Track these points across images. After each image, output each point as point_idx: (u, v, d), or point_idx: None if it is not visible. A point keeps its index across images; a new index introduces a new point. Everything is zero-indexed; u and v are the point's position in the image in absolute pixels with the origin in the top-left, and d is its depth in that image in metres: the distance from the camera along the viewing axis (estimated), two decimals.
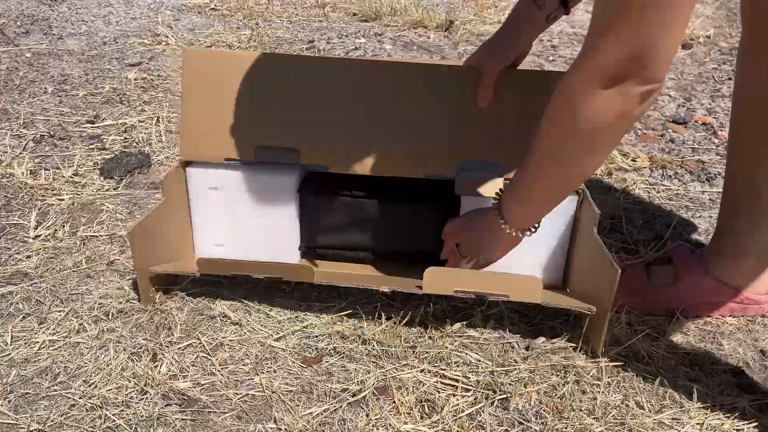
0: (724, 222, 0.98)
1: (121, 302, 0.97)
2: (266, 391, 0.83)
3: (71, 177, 1.30)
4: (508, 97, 0.95)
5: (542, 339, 0.91)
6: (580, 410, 0.81)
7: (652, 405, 0.82)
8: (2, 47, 2.00)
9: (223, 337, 0.91)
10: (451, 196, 0.96)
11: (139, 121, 1.54)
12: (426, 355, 0.89)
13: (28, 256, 1.07)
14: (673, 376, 0.87)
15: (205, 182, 0.99)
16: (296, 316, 0.95)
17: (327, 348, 0.90)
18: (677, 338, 0.94)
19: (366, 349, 0.90)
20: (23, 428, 0.77)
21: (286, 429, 0.78)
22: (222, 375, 0.85)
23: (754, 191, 0.92)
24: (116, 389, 0.82)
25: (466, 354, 0.89)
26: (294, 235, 1.03)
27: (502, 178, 0.95)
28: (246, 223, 1.01)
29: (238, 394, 0.83)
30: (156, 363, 0.86)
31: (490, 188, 0.93)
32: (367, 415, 0.80)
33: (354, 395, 0.83)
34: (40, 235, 1.12)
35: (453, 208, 0.96)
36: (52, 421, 0.77)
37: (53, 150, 1.41)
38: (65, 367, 0.85)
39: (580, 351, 0.88)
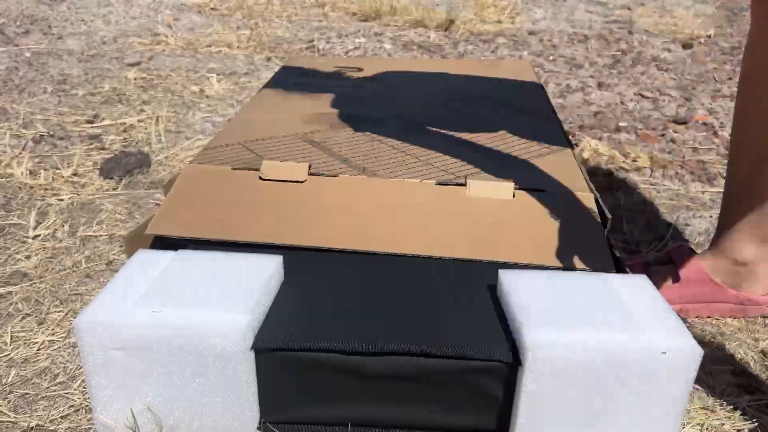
0: (724, 225, 0.97)
1: None
2: None
3: (71, 177, 1.30)
4: None
5: None
6: None
7: None
8: (2, 47, 2.00)
9: None
10: (511, 339, 0.67)
11: (139, 121, 1.54)
12: None
13: (28, 256, 1.06)
14: None
15: (107, 342, 0.66)
16: None
17: None
18: None
19: None
20: (23, 428, 0.76)
21: None
22: None
23: (755, 196, 0.92)
24: None
25: None
26: (248, 409, 0.69)
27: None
28: (170, 396, 0.69)
29: None
30: None
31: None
32: None
33: None
34: (40, 235, 1.12)
35: (516, 361, 0.65)
36: (52, 420, 0.77)
37: (53, 150, 1.41)
38: (65, 367, 0.85)
39: None
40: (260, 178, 0.91)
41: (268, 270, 0.73)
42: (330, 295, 0.75)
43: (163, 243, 0.85)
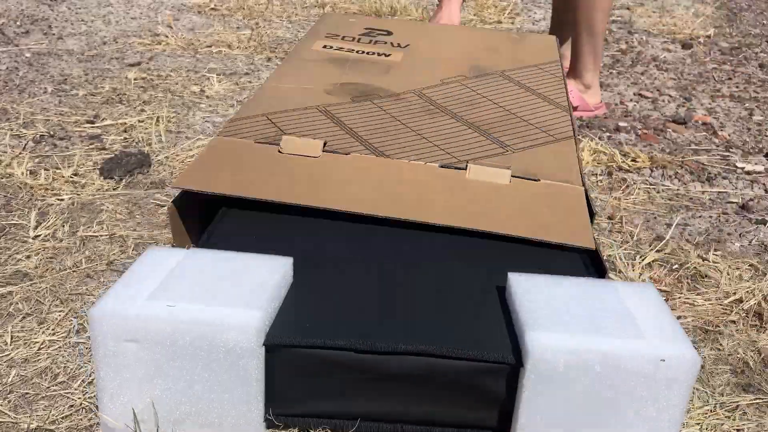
0: (576, 60, 1.67)
1: None
2: None
3: (71, 177, 1.30)
4: None
5: None
6: None
7: None
8: (2, 47, 2.00)
9: None
10: (516, 343, 0.69)
11: (139, 121, 1.54)
12: None
13: (28, 256, 1.06)
14: None
15: (120, 333, 0.67)
16: None
17: None
18: None
19: None
20: (23, 428, 0.77)
21: (286, 426, 0.77)
22: None
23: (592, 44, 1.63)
24: None
25: None
26: (254, 407, 0.69)
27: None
28: (178, 390, 0.69)
29: None
30: None
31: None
32: None
33: None
34: (40, 235, 1.12)
35: (518, 363, 0.67)
36: (52, 421, 0.77)
37: (53, 150, 1.41)
38: (65, 367, 0.85)
39: None
40: (279, 152, 0.99)
41: (279, 270, 0.74)
42: (341, 295, 0.77)
43: (189, 199, 0.93)
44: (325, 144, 0.99)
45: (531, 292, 0.72)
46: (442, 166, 0.96)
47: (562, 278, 0.75)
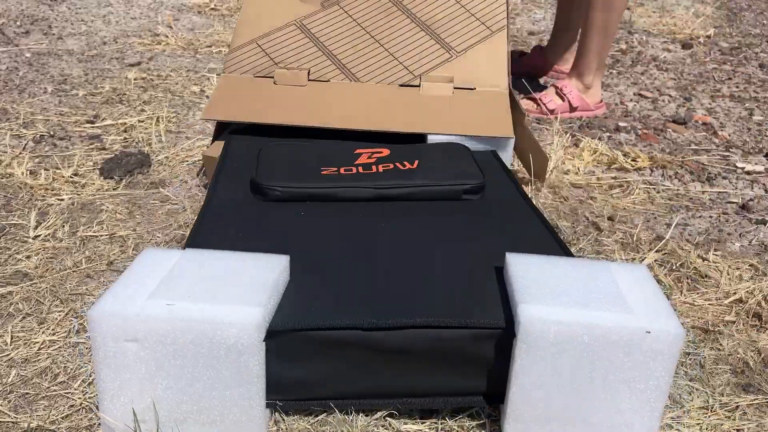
0: (578, 58, 1.65)
1: None
2: None
3: (71, 177, 1.30)
4: None
5: None
6: None
7: None
8: (2, 47, 2.00)
9: None
10: (507, 309, 0.73)
11: (139, 121, 1.54)
12: None
13: (28, 256, 1.06)
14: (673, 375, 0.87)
15: (120, 333, 0.67)
16: None
17: None
18: None
19: None
20: (23, 428, 0.77)
21: (286, 429, 0.78)
22: None
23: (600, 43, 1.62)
24: None
25: None
26: (256, 403, 0.70)
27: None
28: (179, 389, 0.69)
29: None
30: None
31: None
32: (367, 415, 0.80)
33: None
34: (40, 235, 1.12)
35: (510, 331, 0.71)
36: (52, 421, 0.77)
37: (53, 150, 1.41)
38: (65, 367, 0.85)
39: None
40: (274, 83, 1.25)
41: (277, 268, 0.75)
42: (344, 280, 0.79)
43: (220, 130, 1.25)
44: (309, 73, 1.25)
45: (527, 270, 0.75)
46: (401, 86, 1.24)
47: (557, 258, 0.79)
